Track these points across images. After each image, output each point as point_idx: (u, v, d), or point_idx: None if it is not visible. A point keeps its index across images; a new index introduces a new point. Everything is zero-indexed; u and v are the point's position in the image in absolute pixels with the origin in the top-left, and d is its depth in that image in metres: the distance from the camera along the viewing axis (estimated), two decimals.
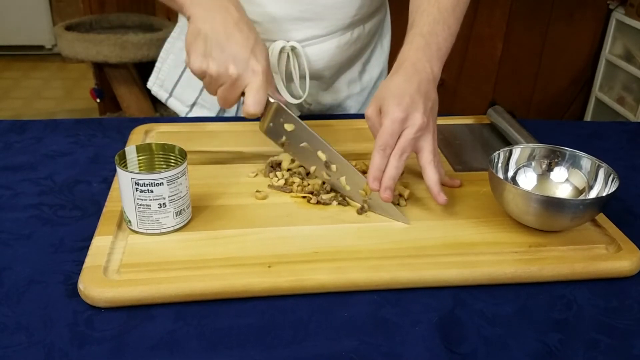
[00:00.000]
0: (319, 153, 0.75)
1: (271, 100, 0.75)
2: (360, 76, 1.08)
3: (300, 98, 0.98)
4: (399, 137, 0.70)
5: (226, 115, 1.05)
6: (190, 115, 1.05)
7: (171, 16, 2.70)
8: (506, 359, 0.55)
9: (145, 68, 2.73)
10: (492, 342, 0.56)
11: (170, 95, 1.06)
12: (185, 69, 1.03)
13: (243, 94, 0.73)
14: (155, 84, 1.07)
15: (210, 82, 0.73)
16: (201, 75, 0.73)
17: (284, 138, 0.77)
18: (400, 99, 0.69)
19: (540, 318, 0.60)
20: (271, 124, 0.77)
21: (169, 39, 1.06)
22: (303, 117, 1.03)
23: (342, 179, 0.74)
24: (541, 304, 0.62)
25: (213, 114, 1.04)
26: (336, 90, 1.06)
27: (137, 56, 2.47)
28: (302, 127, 0.76)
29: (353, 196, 0.74)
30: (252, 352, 0.54)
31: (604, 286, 0.64)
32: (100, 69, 2.75)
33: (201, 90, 1.02)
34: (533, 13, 2.63)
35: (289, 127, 0.76)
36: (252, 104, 0.72)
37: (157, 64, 1.07)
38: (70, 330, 0.55)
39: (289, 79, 0.98)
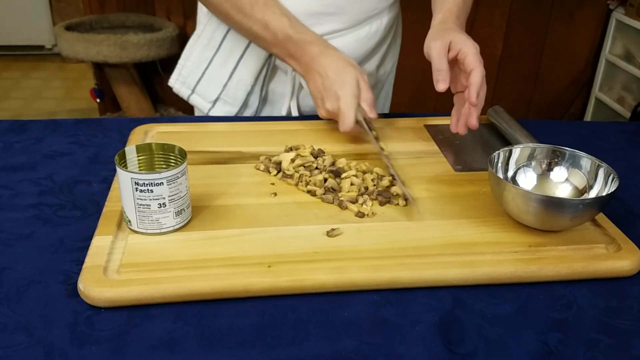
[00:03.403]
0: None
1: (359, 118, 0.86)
2: (377, 70, 1.09)
3: None
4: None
5: (246, 114, 1.06)
6: (213, 111, 1.05)
7: (171, 16, 2.70)
8: (506, 359, 0.55)
9: (145, 68, 2.73)
10: (492, 342, 0.56)
11: (193, 92, 1.06)
12: (208, 66, 1.04)
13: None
14: (178, 81, 1.07)
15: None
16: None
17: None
18: (469, 39, 0.83)
19: (540, 318, 0.60)
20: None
21: (193, 36, 1.06)
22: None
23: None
24: (541, 304, 0.62)
25: (235, 110, 1.05)
26: None
27: (137, 56, 2.47)
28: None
29: None
30: (252, 352, 0.54)
31: (604, 286, 0.64)
32: (100, 69, 2.75)
33: (224, 86, 1.03)
34: (533, 13, 2.63)
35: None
36: (340, 125, 0.86)
37: (180, 61, 1.07)
38: (70, 330, 0.55)
39: None
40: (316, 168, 0.79)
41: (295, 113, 1.03)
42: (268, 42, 0.93)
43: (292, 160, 0.80)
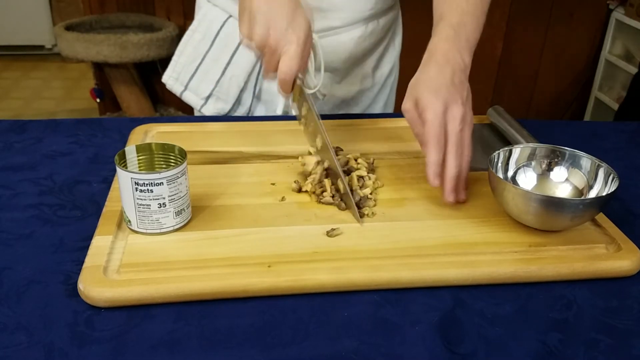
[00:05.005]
0: (317, 139, 0.77)
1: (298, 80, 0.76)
2: (374, 72, 1.09)
3: (314, 88, 1.00)
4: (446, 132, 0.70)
5: (238, 111, 1.05)
6: (205, 107, 1.05)
7: (171, 16, 2.70)
8: (506, 359, 0.55)
9: (145, 68, 2.73)
10: (492, 342, 0.56)
11: (186, 88, 1.06)
12: (201, 61, 1.04)
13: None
14: (171, 78, 1.07)
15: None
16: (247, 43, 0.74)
17: (302, 118, 0.81)
18: (437, 92, 0.70)
19: (540, 318, 0.60)
20: (296, 103, 0.80)
21: (187, 32, 1.06)
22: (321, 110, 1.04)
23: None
24: (541, 304, 0.62)
25: (228, 107, 1.04)
26: (349, 84, 1.07)
27: (137, 56, 2.47)
28: (312, 114, 0.77)
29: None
30: (252, 352, 0.54)
31: (604, 286, 0.64)
32: (100, 69, 2.75)
33: (217, 83, 1.03)
34: (533, 13, 2.64)
35: (304, 110, 0.79)
36: (282, 68, 0.72)
37: (174, 57, 1.07)
38: (70, 330, 0.55)
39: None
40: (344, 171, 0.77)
41: (294, 111, 1.03)
42: None
43: (317, 163, 0.79)
